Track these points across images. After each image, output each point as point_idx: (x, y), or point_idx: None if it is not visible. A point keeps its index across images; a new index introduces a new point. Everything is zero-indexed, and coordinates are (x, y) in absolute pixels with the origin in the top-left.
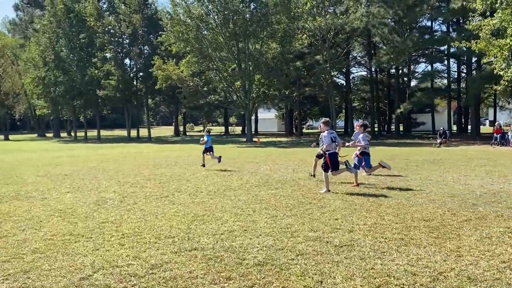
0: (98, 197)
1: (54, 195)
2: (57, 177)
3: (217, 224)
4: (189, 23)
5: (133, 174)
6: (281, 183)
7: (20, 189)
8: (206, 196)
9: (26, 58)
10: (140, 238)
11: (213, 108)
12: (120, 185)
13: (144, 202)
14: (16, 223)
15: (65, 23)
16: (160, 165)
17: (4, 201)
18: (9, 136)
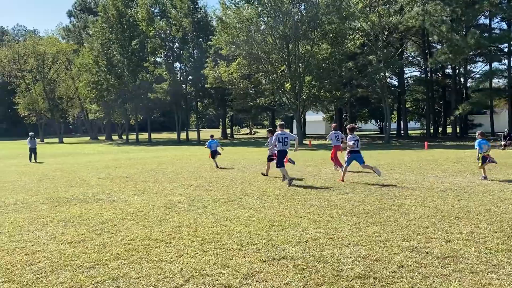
0: (166, 200)
1: (122, 197)
2: (119, 179)
3: (298, 230)
4: (239, 26)
5: (194, 177)
6: (350, 188)
7: (86, 191)
8: (275, 200)
9: (80, 63)
10: (222, 244)
11: (260, 110)
12: (184, 188)
13: (214, 206)
14: (90, 226)
15: (117, 28)
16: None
17: (74, 204)
18: (63, 139)
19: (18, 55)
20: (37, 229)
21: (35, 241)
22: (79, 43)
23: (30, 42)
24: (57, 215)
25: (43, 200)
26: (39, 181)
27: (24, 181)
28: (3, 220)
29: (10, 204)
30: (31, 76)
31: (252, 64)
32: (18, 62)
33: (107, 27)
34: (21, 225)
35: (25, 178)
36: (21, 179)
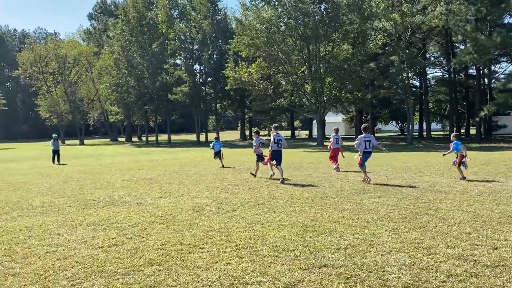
0: (194, 203)
1: (148, 200)
2: (143, 182)
3: (334, 236)
4: (259, 28)
5: (218, 179)
6: (381, 191)
7: (112, 193)
8: (305, 204)
9: (100, 65)
10: (257, 250)
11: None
12: (210, 190)
13: (243, 209)
14: (120, 230)
15: (138, 30)
16: (241, 170)
17: (101, 207)
18: (84, 141)
19: (40, 58)
20: (66, 232)
21: (66, 245)
22: (100, 46)
23: (51, 44)
24: (86, 218)
25: (70, 202)
26: (64, 183)
27: (49, 183)
28: (31, 223)
29: (37, 206)
30: (53, 78)
31: (272, 66)
32: (39, 65)
33: (127, 30)
34: (50, 229)
35: (49, 180)
36: (45, 181)
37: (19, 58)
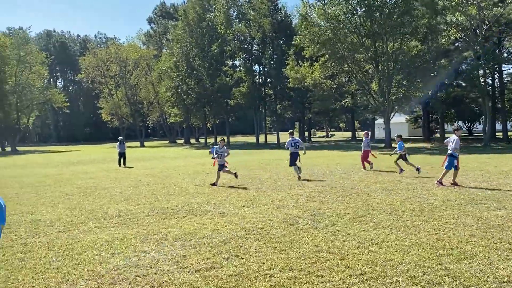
0: (283, 214)
1: (231, 209)
2: (215, 187)
3: (481, 263)
4: (324, 25)
5: (297, 184)
6: (495, 200)
7: (188, 200)
8: (414, 217)
9: (160, 68)
10: (392, 282)
11: (338, 112)
12: (295, 198)
13: (344, 223)
14: (212, 247)
15: (197, 32)
16: (315, 174)
17: (182, 216)
18: (144, 143)
19: (102, 62)
20: (152, 249)
21: (156, 266)
22: (159, 49)
23: (112, 48)
24: (169, 230)
25: (148, 211)
26: (134, 187)
27: (119, 188)
28: (112, 236)
29: (114, 215)
30: (114, 81)
31: (336, 65)
32: (101, 68)
33: (187, 32)
34: (133, 244)
35: (119, 185)
36: (115, 185)
37: (82, 63)
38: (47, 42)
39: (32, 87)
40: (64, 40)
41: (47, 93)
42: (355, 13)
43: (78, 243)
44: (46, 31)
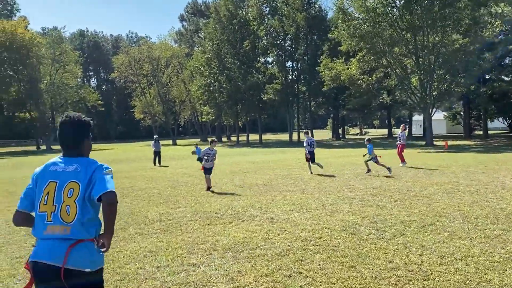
0: (339, 221)
1: (279, 214)
2: (258, 188)
3: None
4: (363, 18)
5: (343, 185)
6: None
7: (232, 203)
8: (492, 226)
9: (192, 66)
10: None
11: (373, 109)
12: (347, 202)
13: (413, 233)
14: (269, 261)
15: (229, 29)
16: (361, 174)
17: (228, 222)
18: (176, 141)
19: (134, 60)
20: (201, 262)
21: (209, 284)
22: (191, 47)
23: (144, 47)
24: (217, 239)
25: (190, 215)
26: (172, 188)
27: (157, 188)
28: (155, 245)
29: (154, 220)
30: (146, 80)
31: (374, 59)
32: (134, 67)
33: (219, 29)
34: (179, 255)
35: (156, 185)
36: (152, 186)
37: (115, 61)
38: (80, 41)
39: (66, 86)
40: (97, 39)
41: (81, 92)
42: (394, 5)
43: (119, 254)
44: (79, 31)
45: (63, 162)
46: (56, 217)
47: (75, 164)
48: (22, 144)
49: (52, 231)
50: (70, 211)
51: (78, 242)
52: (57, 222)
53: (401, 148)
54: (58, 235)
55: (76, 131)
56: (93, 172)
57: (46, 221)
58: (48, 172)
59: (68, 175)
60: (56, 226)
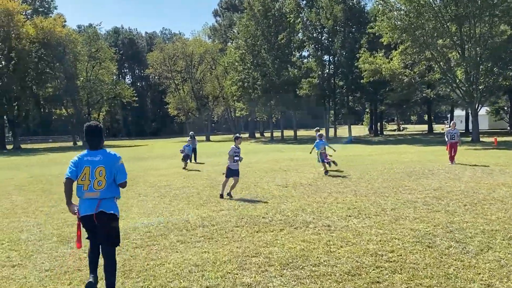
0: (409, 230)
1: (336, 220)
2: (304, 188)
3: None
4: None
5: (398, 186)
6: None
7: (279, 207)
8: None
9: (227, 61)
10: None
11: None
12: (411, 206)
13: (501, 246)
14: (339, 283)
15: (263, 23)
16: (415, 174)
17: (278, 229)
18: (209, 137)
19: (168, 57)
20: (257, 281)
21: None
22: (224, 42)
23: (179, 43)
24: (270, 251)
25: (235, 219)
26: (211, 188)
27: (195, 188)
28: (200, 256)
29: (197, 225)
30: (180, 76)
31: (417, 52)
32: (168, 63)
33: (253, 23)
34: (230, 270)
35: (193, 183)
36: (190, 184)
37: (149, 58)
38: (115, 39)
39: (102, 82)
40: (132, 36)
41: (117, 88)
42: None
43: (161, 267)
44: (114, 28)
45: (91, 154)
46: (91, 188)
47: (99, 155)
48: (59, 140)
49: (88, 196)
50: (101, 184)
51: (105, 199)
52: (91, 190)
53: (455, 147)
54: (92, 197)
55: (96, 134)
56: (114, 162)
57: (83, 189)
58: (83, 161)
59: (96, 163)
60: (90, 192)
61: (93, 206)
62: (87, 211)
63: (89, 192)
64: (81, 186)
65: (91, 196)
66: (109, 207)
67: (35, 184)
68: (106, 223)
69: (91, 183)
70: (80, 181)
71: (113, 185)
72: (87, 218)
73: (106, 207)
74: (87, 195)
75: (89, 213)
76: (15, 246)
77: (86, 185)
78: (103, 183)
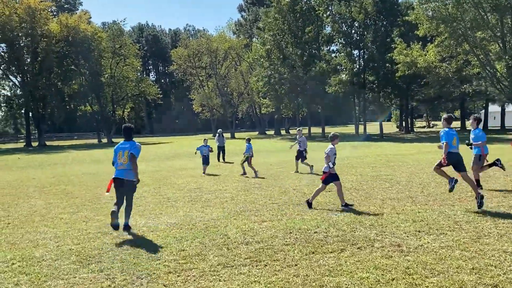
0: (502, 252)
1: (403, 236)
2: (349, 193)
3: None
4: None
5: (463, 193)
6: None
7: (329, 217)
8: None
9: (252, 57)
10: None
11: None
12: (493, 222)
13: None
14: None
15: (290, 17)
16: None
17: (339, 249)
18: (234, 134)
19: (193, 53)
20: None
21: None
22: (250, 37)
23: (203, 39)
24: (338, 282)
25: (282, 234)
26: (246, 191)
27: (228, 191)
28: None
29: (238, 241)
30: (205, 72)
31: (455, 45)
32: (193, 60)
33: (279, 17)
34: None
35: (226, 186)
36: (222, 188)
37: (174, 54)
38: (139, 35)
39: (126, 79)
40: (156, 33)
41: (141, 85)
42: None
43: None
44: (139, 25)
45: (124, 143)
46: (121, 163)
47: (128, 144)
48: (84, 137)
49: (120, 168)
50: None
51: (128, 169)
52: (121, 165)
53: None
54: (122, 169)
55: (129, 131)
56: (134, 147)
57: (118, 163)
58: (119, 147)
59: (125, 148)
60: (121, 165)
61: (123, 174)
62: (118, 175)
63: (121, 165)
64: (117, 163)
65: (120, 168)
66: (130, 175)
67: (57, 185)
68: (127, 183)
69: (122, 160)
70: (119, 160)
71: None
72: (117, 179)
73: (128, 175)
74: (119, 167)
75: (119, 177)
76: (27, 268)
77: (120, 161)
78: (127, 161)
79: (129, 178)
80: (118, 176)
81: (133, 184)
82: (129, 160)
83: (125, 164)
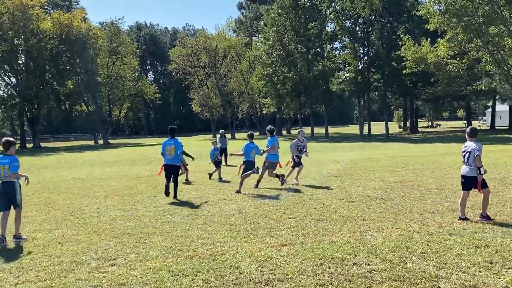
0: None
1: (486, 277)
2: (375, 203)
3: None
4: None
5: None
6: None
7: (362, 239)
8: None
9: (253, 56)
10: None
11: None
12: None
13: None
14: None
15: (292, 14)
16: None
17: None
18: (235, 134)
19: (192, 52)
20: None
21: None
22: (250, 35)
23: (202, 38)
24: None
25: (311, 268)
26: (255, 201)
27: (234, 201)
28: None
29: (255, 279)
30: (204, 72)
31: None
32: (191, 59)
33: (282, 14)
34: None
35: (232, 196)
36: (227, 197)
37: (172, 54)
38: (137, 35)
39: (123, 78)
40: (154, 32)
41: (139, 85)
42: None
43: None
44: (137, 24)
45: (170, 140)
46: (169, 154)
47: (173, 141)
48: (80, 138)
49: (168, 157)
50: (172, 153)
51: (174, 158)
52: (169, 155)
53: None
54: (169, 158)
55: (173, 131)
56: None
57: (167, 154)
58: (166, 143)
59: (171, 144)
60: (169, 155)
61: (171, 161)
62: (168, 162)
63: (168, 156)
64: (166, 154)
65: (168, 157)
66: (176, 161)
67: (41, 193)
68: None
69: (171, 152)
70: (167, 152)
71: (176, 153)
72: (167, 165)
73: (174, 161)
74: (167, 157)
75: (169, 163)
76: None
77: (167, 153)
78: (173, 152)
79: (174, 164)
80: (168, 163)
81: (177, 168)
82: (175, 153)
83: (172, 155)
